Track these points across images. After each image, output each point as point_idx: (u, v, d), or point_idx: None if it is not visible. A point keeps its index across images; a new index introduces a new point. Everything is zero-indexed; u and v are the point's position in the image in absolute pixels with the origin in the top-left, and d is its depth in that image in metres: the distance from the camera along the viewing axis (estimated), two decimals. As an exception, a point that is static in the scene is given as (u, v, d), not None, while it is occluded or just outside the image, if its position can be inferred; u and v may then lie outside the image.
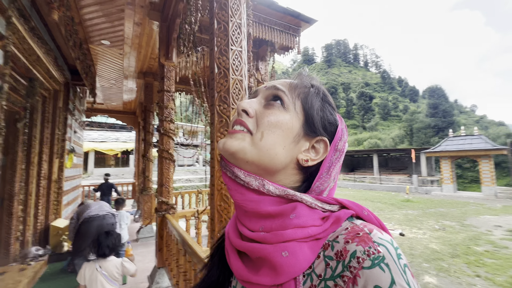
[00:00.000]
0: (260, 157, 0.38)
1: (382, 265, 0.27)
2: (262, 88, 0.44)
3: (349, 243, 0.30)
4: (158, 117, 2.90)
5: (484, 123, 48.06)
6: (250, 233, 0.36)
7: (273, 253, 0.32)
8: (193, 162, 22.37)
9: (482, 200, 14.01)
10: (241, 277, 0.35)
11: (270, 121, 0.39)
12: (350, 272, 0.28)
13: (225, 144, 0.39)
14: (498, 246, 6.15)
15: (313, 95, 0.42)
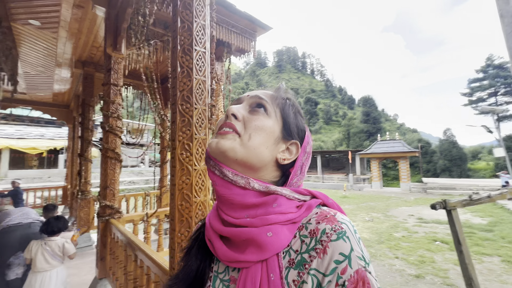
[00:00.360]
0: (248, 156, 0.44)
1: (345, 237, 0.36)
2: (245, 96, 0.51)
3: (320, 223, 0.38)
4: (102, 112, 2.63)
5: (403, 130, 57.30)
6: (235, 220, 0.41)
7: (259, 234, 0.39)
8: (138, 162, 20.57)
9: (400, 194, 16.70)
10: (228, 258, 0.40)
11: (257, 124, 0.45)
12: (321, 245, 0.36)
13: (218, 144, 0.44)
14: (411, 231, 7.46)
15: (289, 106, 0.50)
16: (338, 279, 0.34)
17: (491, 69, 31.86)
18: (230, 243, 0.42)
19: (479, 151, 37.38)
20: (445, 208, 2.81)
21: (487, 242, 6.33)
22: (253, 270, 0.38)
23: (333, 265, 0.34)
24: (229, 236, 0.42)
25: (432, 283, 4.30)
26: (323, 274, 0.35)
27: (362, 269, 0.34)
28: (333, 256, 0.35)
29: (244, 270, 0.39)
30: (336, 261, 0.34)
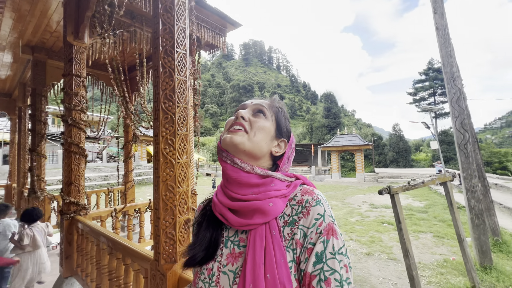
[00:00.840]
0: (253, 148, 0.60)
1: (320, 204, 0.53)
2: (249, 103, 0.68)
3: (304, 195, 0.55)
4: (64, 105, 2.48)
5: (359, 124, 62.12)
6: (243, 196, 0.56)
7: (263, 204, 0.54)
8: (93, 158, 18.93)
9: (356, 184, 18.34)
10: (240, 223, 0.54)
11: (259, 125, 0.62)
12: (305, 209, 0.53)
13: (231, 139, 0.59)
14: (364, 216, 8.37)
15: (281, 113, 0.69)
16: (316, 229, 0.50)
17: (431, 72, 36.22)
18: (238, 214, 0.56)
19: (420, 144, 42.63)
20: (389, 193, 3.30)
21: (423, 222, 7.45)
22: (260, 229, 0.53)
23: (314, 221, 0.51)
24: (238, 208, 0.56)
25: (379, 258, 4.98)
26: (307, 227, 0.51)
27: (331, 222, 0.51)
28: (313, 215, 0.51)
29: (252, 230, 0.53)
30: (316, 218, 0.51)
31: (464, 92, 5.17)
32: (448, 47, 5.02)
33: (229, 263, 0.55)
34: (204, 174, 26.21)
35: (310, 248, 0.49)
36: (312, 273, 0.47)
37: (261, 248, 0.50)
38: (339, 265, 0.47)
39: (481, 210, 4.45)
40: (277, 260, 0.49)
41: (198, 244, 0.59)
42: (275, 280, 0.47)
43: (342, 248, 0.50)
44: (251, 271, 0.49)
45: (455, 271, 4.32)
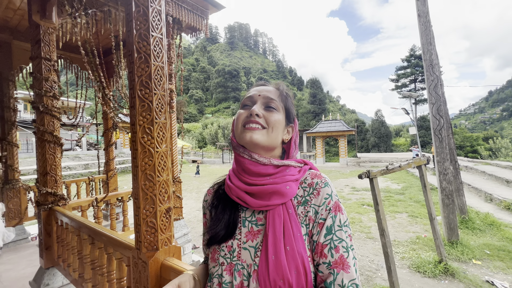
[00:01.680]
0: (270, 142, 0.66)
1: (328, 185, 0.61)
2: (257, 95, 0.69)
3: (314, 179, 0.63)
4: (34, 90, 2.32)
5: (344, 110, 63.27)
6: (261, 182, 0.63)
7: (281, 187, 0.61)
8: (72, 146, 18.13)
9: (339, 168, 18.96)
10: (259, 205, 0.61)
11: (275, 119, 0.66)
12: (316, 190, 0.61)
13: (251, 137, 0.63)
14: (346, 199, 8.74)
15: (288, 100, 0.73)
16: (326, 207, 0.59)
17: (413, 59, 37.06)
18: (256, 196, 0.62)
19: (400, 129, 44.34)
20: (369, 177, 3.45)
21: (400, 203, 7.91)
22: (278, 209, 0.60)
23: (323, 200, 0.60)
24: (256, 191, 0.62)
25: (358, 238, 5.28)
26: (318, 206, 0.60)
27: (337, 201, 0.61)
28: (323, 195, 0.60)
29: (271, 210, 0.60)
30: (325, 198, 0.60)
31: (442, 79, 5.37)
32: (428, 35, 5.13)
33: (249, 240, 0.62)
34: (190, 161, 25.97)
35: (321, 223, 0.58)
36: (323, 243, 0.56)
37: (280, 225, 0.58)
38: (345, 235, 0.57)
39: (451, 191, 4.79)
40: (295, 234, 0.57)
41: (218, 224, 0.65)
42: (293, 251, 0.55)
43: (346, 221, 0.59)
44: (273, 245, 0.56)
45: (426, 247, 4.69)
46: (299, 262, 0.54)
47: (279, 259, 0.54)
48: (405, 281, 3.61)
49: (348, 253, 0.55)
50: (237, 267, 0.60)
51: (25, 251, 3.51)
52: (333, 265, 0.54)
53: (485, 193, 7.65)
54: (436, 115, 4.93)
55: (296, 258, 0.55)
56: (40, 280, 2.34)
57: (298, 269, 0.54)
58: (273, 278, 0.54)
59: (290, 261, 0.54)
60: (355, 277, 0.54)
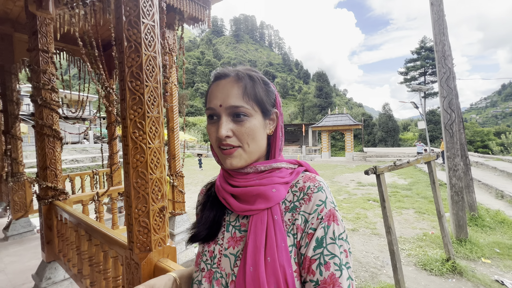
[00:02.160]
0: (253, 155, 0.57)
1: (322, 190, 0.52)
2: (220, 108, 0.55)
3: (306, 182, 0.54)
4: (31, 83, 2.28)
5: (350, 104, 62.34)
6: (245, 183, 0.56)
7: (266, 190, 0.54)
8: (80, 139, 18.40)
9: (345, 163, 18.76)
10: (241, 209, 0.55)
11: (248, 132, 0.55)
12: (307, 195, 0.52)
13: (231, 164, 0.55)
14: (351, 194, 8.63)
15: (258, 88, 0.57)
16: (318, 215, 0.50)
17: (424, 51, 35.98)
18: (240, 200, 0.56)
19: (408, 123, 43.48)
20: (375, 173, 3.35)
21: (407, 198, 7.76)
22: (261, 214, 0.53)
23: (315, 207, 0.51)
24: (241, 194, 0.56)
25: (364, 234, 5.20)
26: (308, 213, 0.51)
27: (332, 209, 0.51)
28: (315, 202, 0.51)
29: (254, 216, 0.54)
30: (317, 204, 0.51)
31: (454, 71, 5.14)
32: (441, 24, 4.88)
33: (230, 246, 0.56)
34: (195, 155, 26.11)
35: (311, 233, 0.50)
36: (312, 257, 0.48)
37: (262, 232, 0.51)
38: (339, 250, 0.48)
39: (461, 188, 4.63)
40: (278, 244, 0.50)
41: (202, 222, 0.61)
42: (275, 262, 0.48)
43: (343, 234, 0.50)
44: (252, 255, 0.50)
45: (433, 244, 4.58)
46: (280, 277, 0.47)
47: (258, 271, 0.48)
48: (411, 279, 3.53)
49: (341, 272, 0.47)
50: (216, 275, 0.56)
51: (30, 243, 3.56)
52: (321, 284, 0.46)
53: (496, 190, 7.42)
54: (448, 109, 4.74)
55: (277, 271, 0.48)
56: (42, 273, 2.35)
57: (278, 284, 0.47)
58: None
59: (270, 274, 0.48)
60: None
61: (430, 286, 3.37)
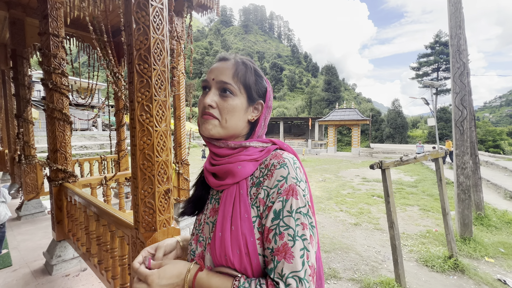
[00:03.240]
0: (228, 132, 0.62)
1: (284, 166, 0.56)
2: (212, 81, 0.62)
3: (271, 159, 0.59)
4: (42, 67, 2.32)
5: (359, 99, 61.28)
6: (219, 162, 0.63)
7: (233, 167, 0.60)
8: (89, 126, 18.73)
9: (350, 158, 18.61)
10: (216, 184, 0.62)
11: (228, 108, 0.60)
12: (270, 172, 0.57)
13: (204, 130, 0.61)
14: (355, 189, 8.60)
15: (248, 74, 0.63)
16: (278, 190, 0.54)
17: (438, 46, 34.79)
18: (217, 177, 0.64)
19: (418, 120, 42.58)
20: (381, 168, 3.32)
21: (412, 195, 7.69)
22: (231, 189, 0.60)
23: (276, 182, 0.55)
24: (216, 171, 0.63)
25: (366, 228, 5.21)
26: (270, 188, 0.56)
27: (293, 184, 0.54)
28: (276, 177, 0.55)
29: (225, 190, 0.61)
30: (278, 180, 0.55)
31: (469, 67, 4.97)
32: (458, 17, 4.70)
33: (211, 215, 0.64)
34: (200, 145, 26.30)
35: (270, 206, 0.54)
36: (270, 227, 0.53)
37: (230, 204, 0.58)
38: (295, 223, 0.52)
39: (468, 186, 4.56)
40: (241, 215, 0.56)
41: (192, 199, 0.70)
42: (237, 231, 0.55)
43: (302, 208, 0.53)
44: (221, 223, 0.57)
45: (436, 241, 4.56)
46: (242, 243, 0.54)
47: (224, 236, 0.55)
48: (411, 274, 3.54)
49: (294, 243, 0.50)
50: (199, 239, 0.64)
51: (42, 223, 3.70)
52: (275, 251, 0.51)
53: (505, 190, 7.28)
54: (460, 106, 4.61)
55: (239, 238, 0.54)
56: (53, 251, 2.45)
57: (240, 249, 0.54)
58: (219, 253, 0.55)
59: (234, 241, 0.54)
60: (300, 269, 0.49)
61: (431, 282, 3.38)
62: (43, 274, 2.42)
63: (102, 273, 1.76)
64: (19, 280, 2.32)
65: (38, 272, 2.45)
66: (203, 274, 0.56)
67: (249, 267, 0.54)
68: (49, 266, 2.44)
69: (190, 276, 0.56)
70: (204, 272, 0.56)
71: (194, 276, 0.56)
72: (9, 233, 3.37)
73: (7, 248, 2.92)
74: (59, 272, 2.41)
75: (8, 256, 2.74)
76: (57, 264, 2.40)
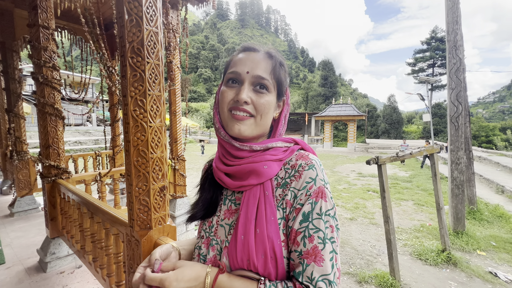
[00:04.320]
0: (261, 130, 0.60)
1: (312, 168, 0.54)
2: (246, 74, 0.58)
3: (298, 160, 0.56)
4: (32, 60, 2.24)
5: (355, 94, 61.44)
6: (239, 162, 0.59)
7: (258, 166, 0.57)
8: (83, 121, 18.45)
9: (346, 153, 18.74)
10: (235, 185, 0.58)
11: (264, 105, 0.58)
12: (298, 173, 0.54)
13: (240, 130, 0.57)
14: (351, 184, 8.67)
15: (282, 71, 0.61)
16: (306, 191, 0.53)
17: (434, 42, 34.91)
18: (234, 177, 0.60)
19: (413, 116, 42.97)
20: (377, 163, 3.33)
21: (406, 190, 7.80)
22: (254, 189, 0.57)
23: (304, 184, 0.53)
24: (234, 172, 0.59)
25: (361, 223, 5.27)
26: (298, 190, 0.53)
27: (322, 186, 0.53)
28: (305, 179, 0.53)
29: (247, 191, 0.57)
30: (307, 182, 0.53)
31: (465, 63, 4.99)
32: (455, 12, 4.69)
33: (226, 217, 0.61)
34: (197, 141, 26.18)
35: (299, 208, 0.52)
36: (298, 230, 0.51)
37: (254, 206, 0.55)
38: (324, 225, 0.50)
39: (462, 181, 4.63)
40: (267, 218, 0.53)
41: (200, 203, 0.65)
42: (263, 234, 0.52)
43: (330, 211, 0.52)
44: (243, 226, 0.54)
45: (430, 235, 4.64)
46: (268, 247, 0.51)
47: (247, 239, 0.53)
48: (405, 267, 3.61)
49: (325, 246, 0.49)
50: (212, 242, 0.61)
51: (35, 220, 3.65)
52: (304, 254, 0.50)
53: (497, 185, 7.42)
54: (455, 101, 4.64)
55: (265, 242, 0.52)
56: (47, 248, 2.42)
57: (266, 253, 0.51)
58: (240, 257, 0.53)
59: (259, 244, 0.52)
60: (330, 272, 0.48)
61: (424, 275, 3.44)
62: (37, 271, 2.39)
63: (97, 271, 1.73)
64: (12, 278, 2.29)
65: (32, 270, 2.42)
66: (224, 277, 0.53)
67: (274, 271, 0.52)
68: (43, 263, 2.41)
69: (210, 279, 0.53)
70: (225, 275, 0.53)
71: (214, 279, 0.53)
72: (2, 230, 3.32)
73: (0, 246, 2.87)
74: (53, 269, 2.38)
75: (1, 254, 2.70)
76: (51, 262, 2.37)
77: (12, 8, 3.46)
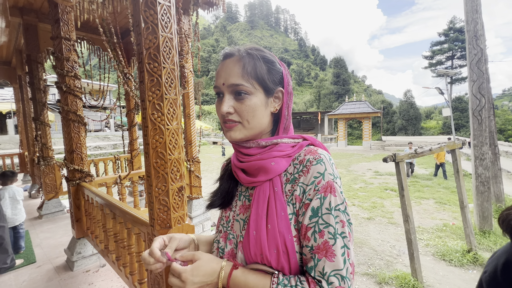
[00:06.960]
0: (253, 131, 0.60)
1: (321, 163, 0.54)
2: (223, 86, 0.59)
3: (306, 155, 0.56)
4: (56, 70, 2.38)
5: (369, 91, 59.87)
6: (250, 159, 0.61)
7: (266, 163, 0.58)
8: (102, 127, 19.23)
9: (362, 151, 18.29)
10: (247, 181, 0.61)
11: (247, 110, 0.57)
12: (306, 168, 0.55)
13: (231, 136, 0.60)
14: (368, 183, 8.46)
15: (258, 65, 0.58)
16: (315, 186, 0.53)
17: (452, 33, 33.37)
18: (247, 173, 0.62)
19: (432, 111, 41.22)
20: (394, 160, 3.24)
21: (427, 188, 7.49)
22: (264, 186, 0.58)
23: (313, 179, 0.53)
24: (246, 168, 0.62)
25: (379, 223, 5.13)
26: (306, 185, 0.54)
27: (331, 180, 0.53)
28: (313, 174, 0.53)
29: (258, 187, 0.59)
30: (315, 176, 0.53)
31: (486, 53, 4.74)
32: (474, 1, 4.48)
33: (241, 213, 0.64)
34: (210, 143, 26.53)
35: (307, 204, 0.53)
36: (308, 225, 0.52)
37: (264, 202, 0.56)
38: (334, 220, 0.50)
39: (487, 178, 4.39)
40: (278, 213, 0.54)
41: (218, 193, 0.69)
42: (274, 230, 0.53)
43: (340, 205, 0.52)
44: (254, 221, 0.56)
45: (454, 235, 4.43)
46: (280, 242, 0.53)
47: (259, 235, 0.54)
48: (428, 268, 3.47)
49: (335, 241, 0.50)
50: (229, 236, 0.64)
51: (62, 221, 3.85)
52: (315, 249, 0.50)
53: (527, 181, 6.96)
54: (477, 94, 4.42)
55: (277, 237, 0.53)
56: (73, 248, 2.55)
57: (278, 248, 0.53)
58: (253, 252, 0.55)
59: (271, 239, 0.53)
60: (342, 267, 0.49)
61: (449, 276, 3.30)
62: (65, 270, 2.53)
63: (120, 269, 1.81)
64: (43, 276, 2.43)
65: (60, 268, 2.55)
66: (239, 272, 0.55)
67: (287, 265, 0.53)
68: (70, 262, 2.54)
69: (225, 274, 0.55)
70: (239, 270, 0.55)
71: (229, 274, 0.55)
72: (32, 231, 3.53)
73: (31, 246, 3.06)
74: (79, 268, 2.51)
75: (32, 253, 2.88)
76: (77, 261, 2.50)
77: (36, 23, 3.69)
